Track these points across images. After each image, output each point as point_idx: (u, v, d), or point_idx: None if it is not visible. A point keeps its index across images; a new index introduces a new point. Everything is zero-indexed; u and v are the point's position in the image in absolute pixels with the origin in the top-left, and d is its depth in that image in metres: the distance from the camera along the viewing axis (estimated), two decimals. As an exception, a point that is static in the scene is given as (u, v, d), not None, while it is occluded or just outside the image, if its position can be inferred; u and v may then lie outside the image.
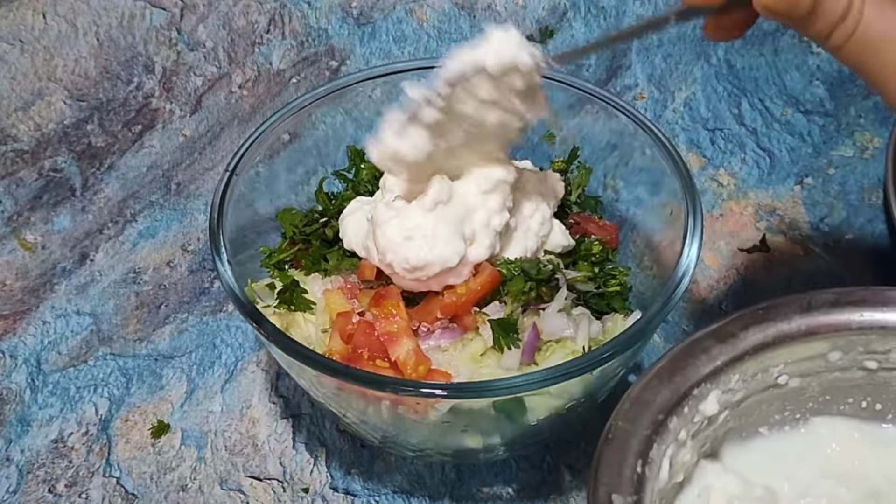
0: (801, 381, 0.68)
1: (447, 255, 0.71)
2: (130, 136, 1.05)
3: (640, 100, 1.09)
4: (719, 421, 0.67)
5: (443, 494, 0.80)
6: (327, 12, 1.13)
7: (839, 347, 0.67)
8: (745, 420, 0.69)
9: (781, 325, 0.66)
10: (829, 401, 0.70)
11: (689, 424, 0.64)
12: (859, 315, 0.66)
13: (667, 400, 0.63)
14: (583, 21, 1.14)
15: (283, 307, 0.76)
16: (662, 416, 0.62)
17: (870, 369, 0.68)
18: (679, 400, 0.63)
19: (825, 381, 0.69)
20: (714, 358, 0.65)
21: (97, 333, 0.91)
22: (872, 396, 0.70)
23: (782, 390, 0.68)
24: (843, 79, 1.11)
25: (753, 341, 0.65)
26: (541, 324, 0.73)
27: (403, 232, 0.72)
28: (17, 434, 0.84)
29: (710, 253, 0.96)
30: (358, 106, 0.88)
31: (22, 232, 0.98)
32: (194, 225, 0.99)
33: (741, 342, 0.65)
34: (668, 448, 0.62)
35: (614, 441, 0.61)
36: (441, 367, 0.72)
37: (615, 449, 0.60)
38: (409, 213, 0.73)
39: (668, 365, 0.64)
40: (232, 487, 0.81)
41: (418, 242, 0.71)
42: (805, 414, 0.70)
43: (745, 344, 0.65)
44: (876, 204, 1.00)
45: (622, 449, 0.60)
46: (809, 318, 0.66)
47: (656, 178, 0.82)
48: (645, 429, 0.61)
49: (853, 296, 0.67)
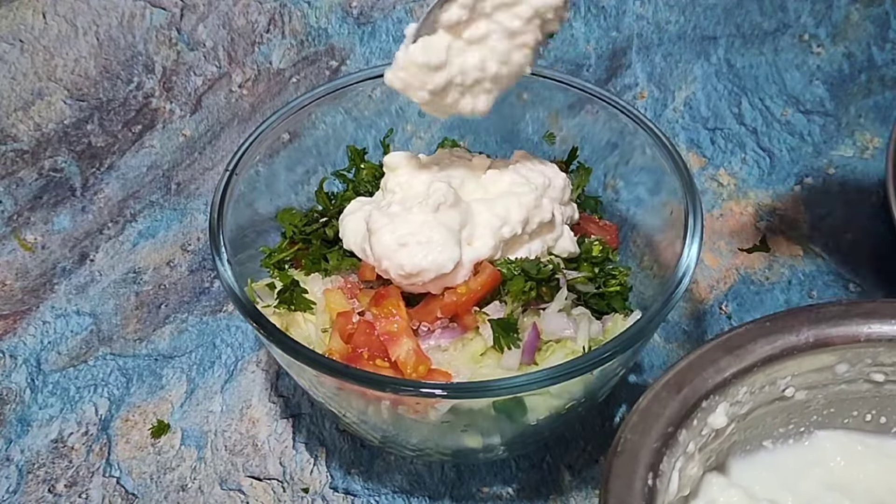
0: (808, 393, 0.68)
1: (442, 262, 0.72)
2: (130, 136, 1.05)
3: (640, 99, 1.09)
4: (726, 434, 0.67)
5: (443, 494, 0.80)
6: (327, 12, 1.13)
7: (847, 360, 0.67)
8: (749, 433, 0.69)
9: (790, 336, 0.66)
10: (834, 414, 0.70)
11: (697, 437, 0.64)
12: (867, 327, 0.66)
13: (676, 412, 0.63)
14: (583, 21, 1.14)
15: (283, 307, 0.76)
16: (672, 429, 0.62)
17: (876, 382, 0.68)
18: (688, 412, 0.63)
19: (831, 394, 0.69)
20: (722, 370, 0.65)
21: (97, 333, 0.91)
22: (877, 409, 0.70)
23: (788, 403, 0.68)
24: (843, 79, 1.11)
25: (762, 353, 0.65)
26: (541, 324, 0.73)
27: (398, 238, 0.72)
28: (17, 434, 0.84)
29: (710, 253, 0.96)
30: (358, 106, 0.88)
31: (22, 232, 0.98)
32: (194, 225, 0.99)
33: (749, 354, 0.65)
34: (678, 461, 0.62)
35: (624, 453, 0.60)
36: (441, 367, 0.72)
37: (625, 461, 0.60)
38: (403, 218, 0.73)
39: (677, 377, 0.64)
40: (232, 487, 0.81)
41: (413, 249, 0.72)
42: (809, 427, 0.70)
43: (753, 356, 0.65)
44: (876, 204, 1.00)
45: (632, 461, 0.60)
46: (818, 330, 0.66)
47: (656, 177, 0.82)
48: (655, 441, 0.61)
49: (862, 308, 0.67)
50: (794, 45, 1.13)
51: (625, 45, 1.13)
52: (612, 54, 1.12)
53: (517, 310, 0.74)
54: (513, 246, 0.76)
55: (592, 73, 1.11)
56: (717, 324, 0.91)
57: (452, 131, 0.91)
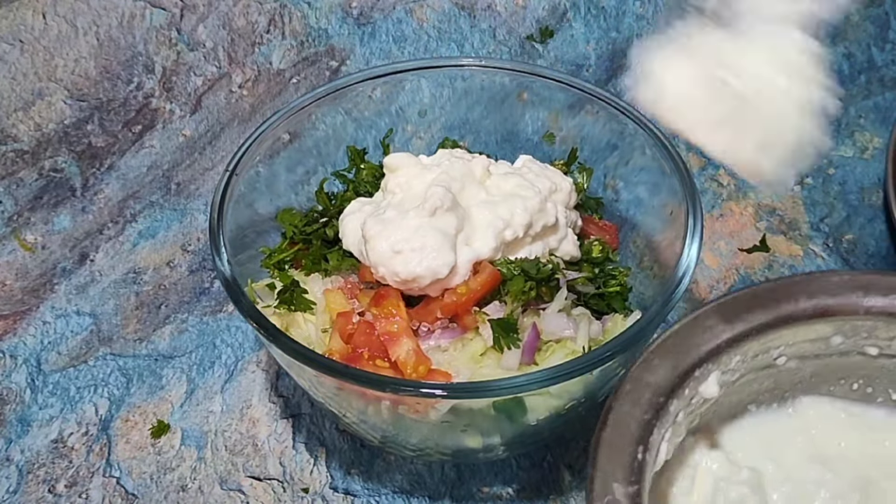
0: (799, 362, 0.67)
1: (436, 267, 0.72)
2: (130, 136, 1.05)
3: (640, 100, 1.09)
4: (713, 400, 0.65)
5: (443, 494, 0.80)
6: (327, 12, 1.13)
7: (843, 332, 0.65)
8: (734, 397, 0.67)
9: (787, 306, 0.64)
10: (820, 380, 0.69)
11: (687, 406, 0.63)
12: (867, 300, 0.64)
13: (667, 381, 0.61)
14: (583, 21, 1.14)
15: (283, 307, 0.76)
16: (663, 399, 0.60)
17: (870, 355, 0.67)
18: (679, 381, 0.61)
19: (821, 364, 0.67)
20: (717, 336, 0.63)
21: (97, 333, 0.91)
22: (865, 380, 0.68)
23: (776, 370, 0.67)
24: (843, 79, 1.11)
25: (757, 321, 0.64)
26: (541, 324, 0.73)
27: (392, 245, 0.72)
28: (17, 434, 0.84)
29: (710, 253, 0.96)
30: (358, 106, 0.88)
31: (22, 232, 0.98)
32: (194, 225, 0.99)
33: (745, 322, 0.63)
34: (667, 432, 0.61)
35: (614, 425, 0.59)
36: (441, 367, 0.72)
37: (615, 434, 0.58)
38: (397, 225, 0.73)
39: (671, 342, 0.62)
40: (232, 487, 0.81)
41: (407, 256, 0.72)
42: (794, 392, 0.69)
43: (748, 324, 0.63)
44: (876, 204, 1.00)
45: (622, 434, 0.59)
46: (816, 301, 0.64)
47: (656, 178, 0.82)
48: (645, 413, 0.59)
49: (861, 279, 0.65)
50: (793, 46, 1.13)
51: (625, 45, 1.13)
52: (612, 54, 1.12)
53: (517, 310, 0.74)
54: (514, 247, 0.76)
55: (592, 73, 1.11)
56: (717, 324, 0.91)
57: (453, 132, 0.91)
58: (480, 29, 1.13)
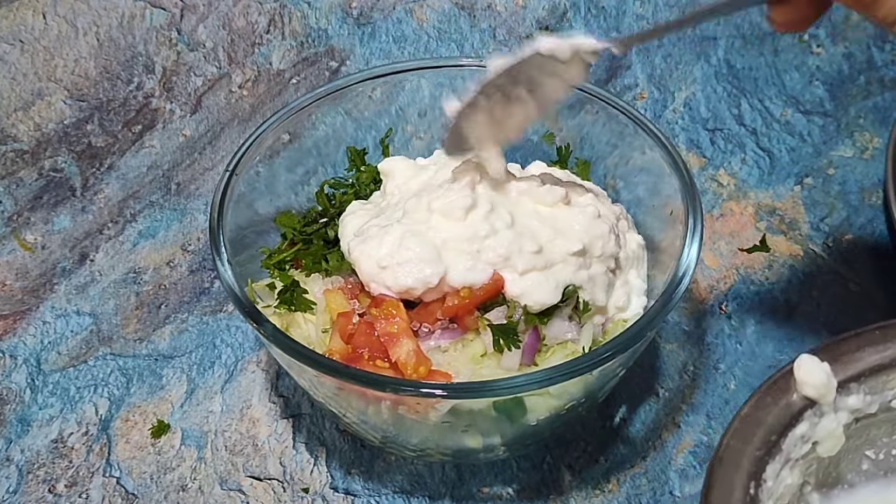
0: None
1: (426, 276, 0.72)
2: (130, 136, 1.05)
3: (640, 100, 1.09)
4: (829, 445, 0.64)
5: (443, 494, 0.80)
6: (327, 12, 1.13)
7: None
8: (852, 443, 0.66)
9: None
10: None
11: (800, 445, 0.62)
12: None
13: (779, 419, 0.61)
14: (583, 21, 1.14)
15: (283, 307, 0.76)
16: (775, 437, 0.60)
17: None
18: (792, 419, 0.61)
19: None
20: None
21: (97, 333, 0.91)
22: None
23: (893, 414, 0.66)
24: (843, 79, 1.11)
25: (870, 362, 0.63)
26: (543, 330, 0.73)
27: (377, 262, 0.72)
28: (17, 434, 0.84)
29: (710, 253, 0.96)
30: (358, 106, 0.88)
31: (22, 232, 0.98)
32: (194, 225, 0.99)
33: (858, 362, 0.63)
34: (782, 470, 0.61)
35: (725, 461, 0.59)
36: (441, 368, 0.72)
37: (726, 470, 0.59)
38: (379, 240, 0.73)
39: (782, 382, 0.62)
40: (232, 487, 0.81)
41: (394, 270, 0.72)
42: None
43: (862, 364, 0.63)
44: (876, 204, 1.00)
45: (734, 470, 0.59)
46: None
47: (656, 178, 0.82)
48: (757, 449, 0.60)
49: None
50: (793, 46, 1.13)
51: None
52: (612, 55, 1.12)
53: (518, 315, 0.73)
54: None
55: (592, 73, 1.11)
56: (717, 324, 0.91)
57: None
58: (480, 29, 1.13)
